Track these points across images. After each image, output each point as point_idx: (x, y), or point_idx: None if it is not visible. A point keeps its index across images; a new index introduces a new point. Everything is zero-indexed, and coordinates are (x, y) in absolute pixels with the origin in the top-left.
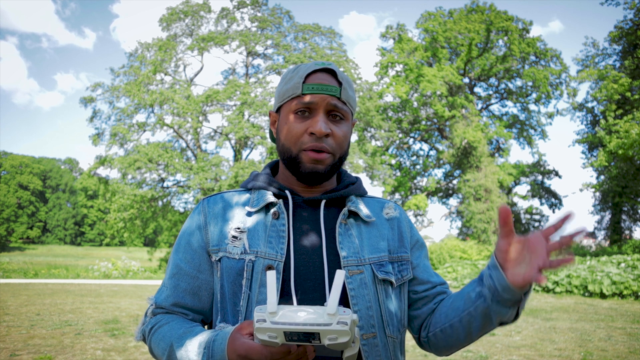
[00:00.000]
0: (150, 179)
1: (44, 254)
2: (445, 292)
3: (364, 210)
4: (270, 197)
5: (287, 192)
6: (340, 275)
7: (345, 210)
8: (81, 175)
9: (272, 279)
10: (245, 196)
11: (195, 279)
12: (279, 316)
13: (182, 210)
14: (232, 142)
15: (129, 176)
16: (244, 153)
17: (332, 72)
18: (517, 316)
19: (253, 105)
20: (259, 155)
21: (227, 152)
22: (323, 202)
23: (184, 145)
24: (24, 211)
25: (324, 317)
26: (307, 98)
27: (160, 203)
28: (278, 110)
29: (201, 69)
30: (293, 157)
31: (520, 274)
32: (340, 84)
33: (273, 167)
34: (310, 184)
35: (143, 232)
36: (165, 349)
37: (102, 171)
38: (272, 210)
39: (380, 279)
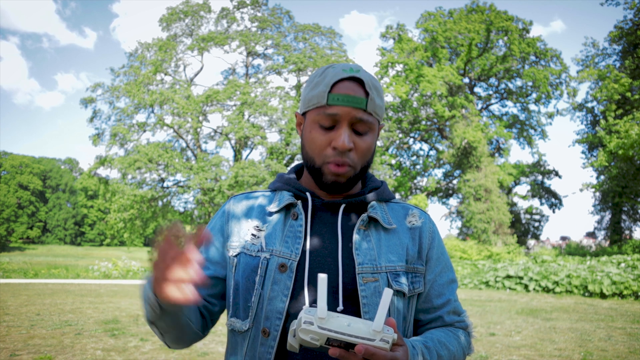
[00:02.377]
0: (150, 179)
1: (44, 254)
2: (442, 318)
3: (385, 216)
4: (290, 198)
5: (307, 194)
6: (387, 294)
7: (364, 216)
8: (81, 175)
9: (323, 284)
10: (269, 196)
11: (206, 269)
12: (326, 322)
13: (182, 210)
14: (232, 142)
15: (129, 176)
16: (244, 153)
17: (360, 81)
18: None
19: (253, 105)
20: (259, 155)
21: (227, 152)
22: (342, 206)
23: (184, 145)
24: (24, 211)
25: (369, 332)
26: (332, 109)
27: (160, 203)
28: (304, 113)
29: (201, 69)
30: (316, 167)
31: None
32: (367, 94)
33: (298, 170)
34: (331, 193)
35: (143, 232)
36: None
37: (102, 171)
38: (291, 211)
39: (395, 290)
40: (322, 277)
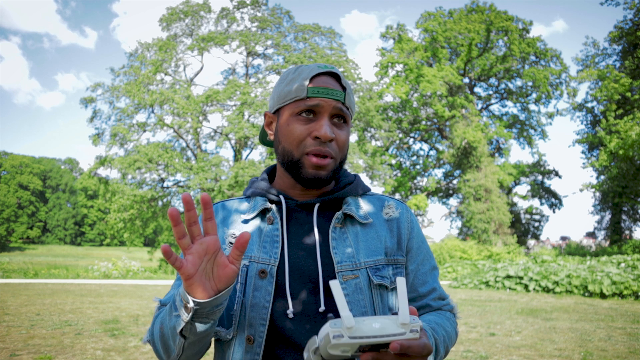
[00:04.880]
0: (150, 179)
1: (44, 254)
2: (429, 305)
3: (360, 211)
4: (264, 204)
5: (281, 197)
6: (401, 283)
7: (339, 213)
8: (81, 175)
9: (337, 290)
10: (244, 204)
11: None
12: (356, 330)
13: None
14: (232, 142)
15: (129, 176)
16: (244, 153)
17: (336, 76)
18: None
19: (253, 105)
20: (259, 155)
21: (227, 152)
22: (316, 206)
23: (184, 145)
24: (24, 211)
25: (398, 327)
26: (313, 101)
27: (160, 203)
28: (276, 111)
29: (201, 69)
30: (295, 161)
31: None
32: (344, 88)
33: (270, 172)
34: (310, 187)
35: (143, 232)
36: (157, 329)
37: (102, 171)
38: (266, 216)
39: (376, 284)
40: (334, 284)
